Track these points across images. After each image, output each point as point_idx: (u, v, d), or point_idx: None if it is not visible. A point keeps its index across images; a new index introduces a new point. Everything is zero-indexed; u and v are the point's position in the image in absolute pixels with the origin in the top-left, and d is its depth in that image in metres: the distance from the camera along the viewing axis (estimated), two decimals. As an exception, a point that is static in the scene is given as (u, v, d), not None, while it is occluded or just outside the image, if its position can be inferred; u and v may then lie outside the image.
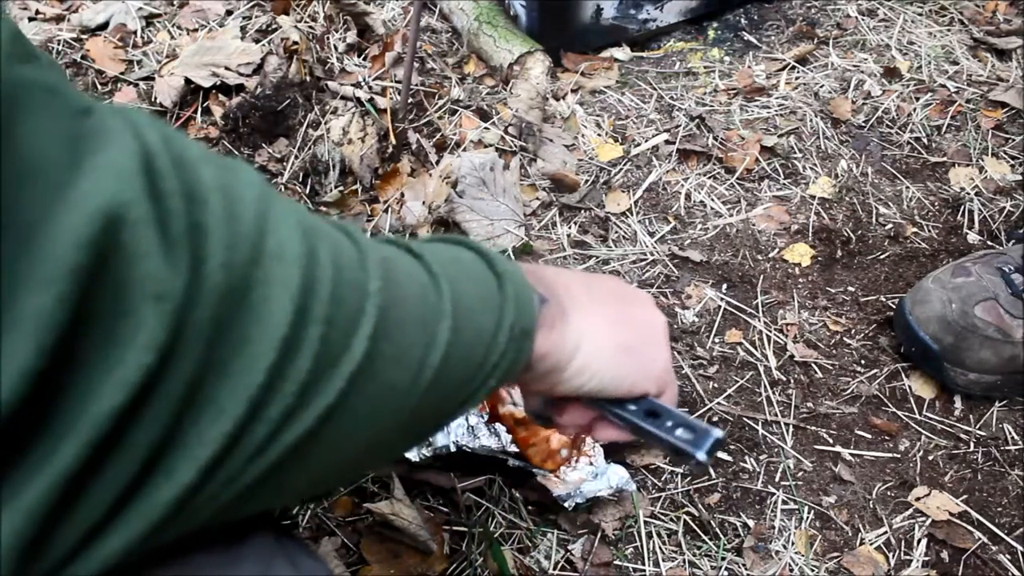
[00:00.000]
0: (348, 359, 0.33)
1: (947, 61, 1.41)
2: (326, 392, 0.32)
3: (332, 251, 0.34)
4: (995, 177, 1.24)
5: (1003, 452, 0.96)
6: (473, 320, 0.41)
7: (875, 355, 1.04)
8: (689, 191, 1.21)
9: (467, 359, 0.41)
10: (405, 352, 0.37)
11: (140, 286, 0.25)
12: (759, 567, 0.86)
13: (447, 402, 0.42)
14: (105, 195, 0.24)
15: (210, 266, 0.28)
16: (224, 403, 0.29)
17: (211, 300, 0.28)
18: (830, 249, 1.15)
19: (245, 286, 0.29)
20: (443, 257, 0.43)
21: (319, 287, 0.32)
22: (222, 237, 0.28)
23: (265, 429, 0.30)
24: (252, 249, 0.29)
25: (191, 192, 0.28)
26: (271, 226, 0.31)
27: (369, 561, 0.83)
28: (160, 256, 0.26)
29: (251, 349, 0.29)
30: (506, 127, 1.22)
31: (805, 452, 0.96)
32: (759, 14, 1.50)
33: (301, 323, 0.31)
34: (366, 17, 1.38)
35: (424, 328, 0.38)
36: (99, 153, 0.25)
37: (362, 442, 0.37)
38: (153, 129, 0.28)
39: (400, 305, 0.37)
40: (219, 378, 0.28)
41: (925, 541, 0.89)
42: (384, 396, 0.36)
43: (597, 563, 0.86)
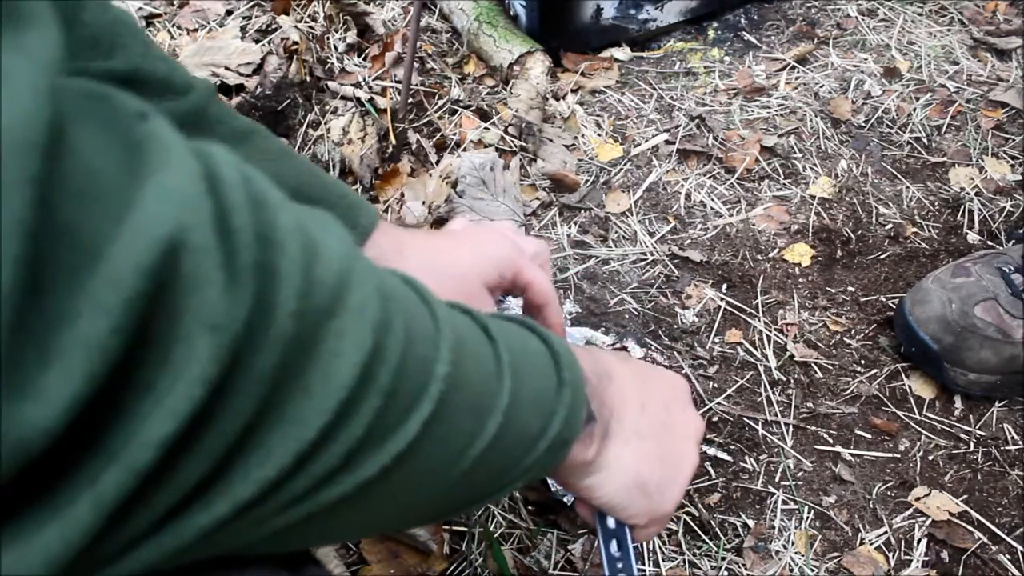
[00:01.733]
0: (399, 437, 0.33)
1: (947, 61, 1.41)
2: (370, 464, 0.32)
3: (407, 322, 0.33)
4: (995, 177, 1.24)
5: (1003, 452, 0.96)
6: (523, 420, 0.41)
7: (875, 355, 1.04)
8: (689, 191, 1.21)
9: (506, 456, 0.41)
10: (452, 437, 0.37)
11: (196, 314, 0.25)
12: (759, 567, 0.86)
13: (474, 492, 0.42)
14: (170, 218, 0.24)
15: (280, 313, 0.27)
16: (274, 449, 0.28)
17: (276, 346, 0.27)
18: (830, 249, 1.15)
19: (317, 336, 0.28)
20: (514, 345, 0.42)
21: (388, 355, 0.31)
22: (296, 285, 0.27)
23: (304, 484, 0.30)
24: (331, 300, 0.29)
25: (267, 235, 0.27)
26: (354, 282, 0.30)
27: (369, 561, 0.83)
28: (220, 286, 0.25)
29: (310, 402, 0.29)
30: (506, 127, 1.22)
31: (805, 452, 0.96)
32: (759, 14, 1.50)
33: (363, 389, 0.30)
34: (366, 17, 1.38)
35: (476, 418, 0.38)
36: (161, 171, 0.24)
37: (389, 513, 0.37)
38: (230, 163, 0.27)
39: (461, 391, 0.36)
40: (274, 423, 0.28)
41: (925, 541, 0.89)
42: (421, 476, 0.36)
43: (597, 563, 0.86)
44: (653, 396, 0.53)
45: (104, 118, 0.25)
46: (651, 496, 0.52)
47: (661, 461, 0.52)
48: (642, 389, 0.53)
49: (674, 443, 0.53)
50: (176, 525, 0.28)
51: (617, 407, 0.50)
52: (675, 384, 0.56)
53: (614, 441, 0.49)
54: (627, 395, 0.51)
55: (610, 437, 0.49)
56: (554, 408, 0.43)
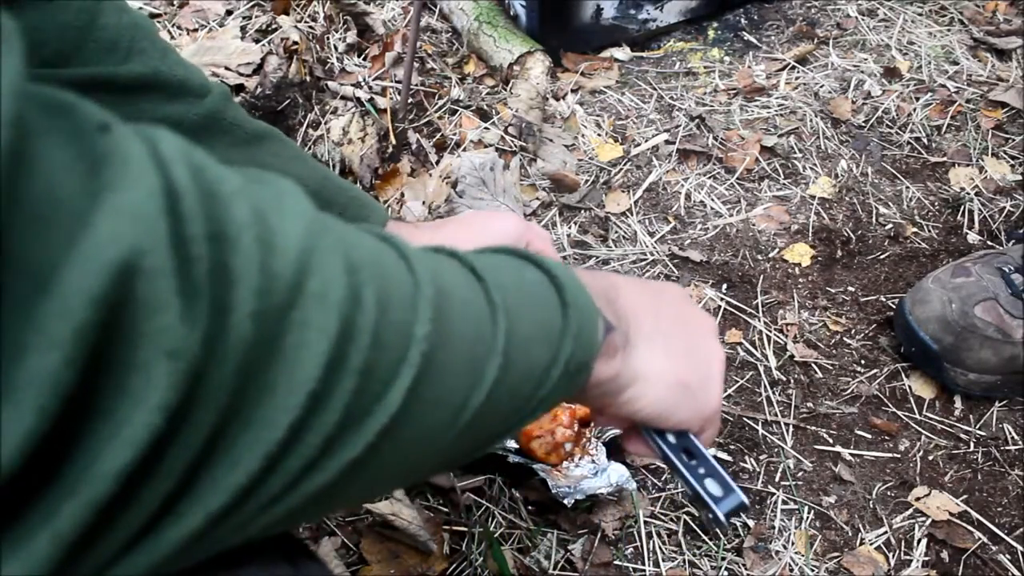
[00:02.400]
0: (382, 410, 0.31)
1: (947, 61, 1.41)
2: (353, 444, 0.31)
3: (379, 289, 0.31)
4: (995, 177, 1.24)
5: (1003, 452, 0.96)
6: (527, 355, 0.39)
7: (875, 355, 1.04)
8: (689, 191, 1.21)
9: (513, 394, 0.39)
10: (447, 394, 0.35)
11: (153, 341, 0.23)
12: (759, 567, 0.86)
13: (486, 434, 0.40)
14: (122, 244, 0.22)
15: (236, 317, 0.26)
16: (240, 455, 0.27)
17: (236, 353, 0.26)
18: (830, 249, 1.15)
19: (278, 331, 0.27)
20: (506, 280, 0.40)
21: (359, 333, 0.30)
22: (252, 283, 0.26)
23: (282, 480, 0.29)
24: (290, 291, 0.27)
25: (220, 233, 0.26)
26: (315, 264, 0.28)
27: (369, 561, 0.83)
28: (176, 309, 0.24)
29: (275, 401, 0.27)
30: (506, 127, 1.22)
31: (805, 452, 0.96)
32: (759, 14, 1.50)
33: (334, 375, 0.29)
34: (366, 17, 1.38)
35: (471, 368, 0.36)
36: (118, 190, 0.23)
37: (390, 480, 0.36)
38: (181, 159, 0.25)
39: (450, 345, 0.34)
40: (239, 429, 0.27)
41: (925, 541, 0.89)
42: (418, 439, 0.35)
43: (597, 563, 0.86)
44: (663, 299, 0.52)
45: (66, 132, 0.24)
46: (695, 394, 0.50)
47: (692, 356, 0.51)
48: (650, 295, 0.51)
49: (697, 339, 0.52)
50: (148, 543, 0.27)
51: (631, 315, 0.48)
52: (679, 290, 0.55)
53: (639, 347, 0.48)
54: (637, 302, 0.49)
55: (633, 344, 0.47)
56: (561, 334, 0.41)
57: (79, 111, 0.24)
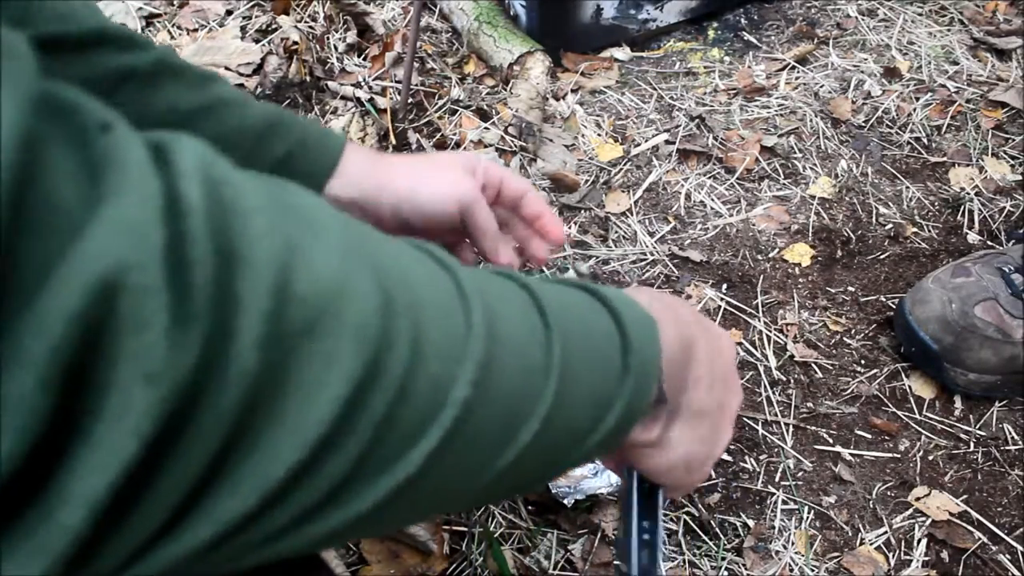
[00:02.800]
0: (399, 469, 0.29)
1: (947, 61, 1.41)
2: (361, 498, 0.29)
3: (418, 330, 0.28)
4: (995, 177, 1.24)
5: (1003, 452, 0.96)
6: (568, 422, 0.37)
7: (875, 355, 1.04)
8: (689, 191, 1.21)
9: (542, 458, 0.37)
10: (469, 458, 0.33)
11: (131, 362, 0.22)
12: (759, 567, 0.86)
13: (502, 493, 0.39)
14: (108, 258, 0.21)
15: (240, 345, 0.24)
16: (238, 486, 0.26)
17: (238, 384, 0.24)
18: (830, 249, 1.15)
19: (293, 362, 0.25)
20: (572, 329, 0.37)
21: (385, 378, 0.27)
22: (261, 308, 0.24)
23: (279, 521, 0.27)
24: (313, 319, 0.25)
25: (230, 251, 0.24)
26: (347, 292, 0.26)
27: (369, 561, 0.83)
28: (162, 330, 0.22)
29: (282, 436, 0.26)
30: (506, 127, 1.22)
31: (805, 452, 0.96)
32: (759, 14, 1.50)
33: (349, 419, 0.27)
34: (366, 17, 1.38)
35: (505, 431, 0.34)
36: (112, 199, 0.22)
37: (394, 527, 0.34)
38: (196, 172, 0.24)
39: (488, 406, 0.32)
40: (240, 457, 0.25)
41: (925, 541, 0.89)
42: (432, 498, 0.33)
43: (597, 563, 0.86)
44: (719, 371, 0.49)
45: (69, 136, 0.23)
46: (692, 472, 0.50)
47: (710, 442, 0.50)
48: (713, 363, 0.49)
49: (723, 423, 0.51)
50: (136, 565, 0.25)
51: (692, 385, 0.46)
52: (732, 348, 0.52)
53: (679, 426, 0.46)
54: (702, 371, 0.47)
55: (674, 424, 0.46)
56: (612, 399, 0.38)
57: (81, 111, 0.23)
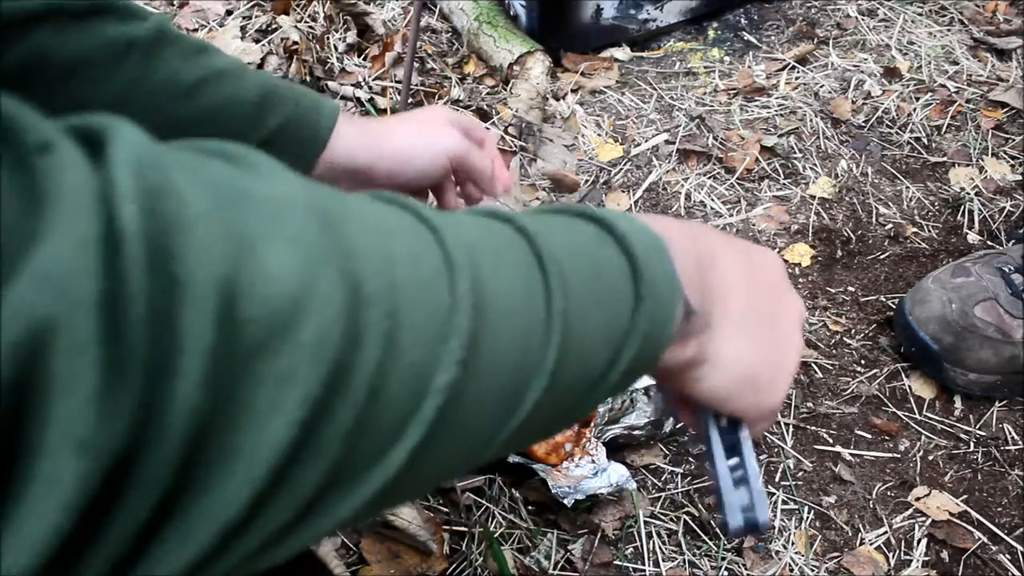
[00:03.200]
0: (378, 473, 0.27)
1: (947, 61, 1.41)
2: (333, 512, 0.27)
3: (392, 320, 0.26)
4: (995, 177, 1.24)
5: (1003, 452, 0.96)
6: (580, 367, 0.34)
7: (875, 355, 1.04)
8: (689, 191, 1.21)
9: (559, 406, 0.35)
10: (467, 437, 0.30)
11: (60, 428, 0.20)
12: (759, 567, 0.86)
13: (525, 440, 0.37)
14: (34, 314, 0.19)
15: (182, 386, 0.22)
16: (191, 529, 0.23)
17: (181, 427, 0.22)
18: (830, 249, 1.15)
19: (243, 389, 0.23)
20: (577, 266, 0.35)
21: (353, 380, 0.25)
22: (204, 341, 0.22)
23: (252, 544, 0.25)
24: (265, 338, 0.23)
25: (169, 276, 0.21)
26: (308, 300, 0.24)
27: (369, 561, 0.83)
28: (91, 393, 0.20)
29: (235, 470, 0.23)
30: (506, 127, 1.22)
31: (805, 452, 0.96)
32: (759, 14, 1.50)
33: (311, 440, 0.24)
34: (366, 17, 1.38)
35: (506, 400, 0.31)
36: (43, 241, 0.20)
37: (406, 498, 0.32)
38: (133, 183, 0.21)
39: (481, 380, 0.30)
40: (189, 502, 0.23)
41: (925, 541, 0.89)
42: (420, 484, 0.31)
43: (597, 563, 0.86)
44: (758, 278, 0.46)
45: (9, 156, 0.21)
46: (760, 390, 0.46)
47: (771, 348, 0.46)
48: (748, 270, 0.46)
49: (782, 327, 0.47)
50: None
51: (722, 291, 0.43)
52: (777, 263, 0.49)
53: (720, 331, 0.43)
54: (731, 279, 0.44)
55: (713, 329, 0.43)
56: (627, 335, 0.36)
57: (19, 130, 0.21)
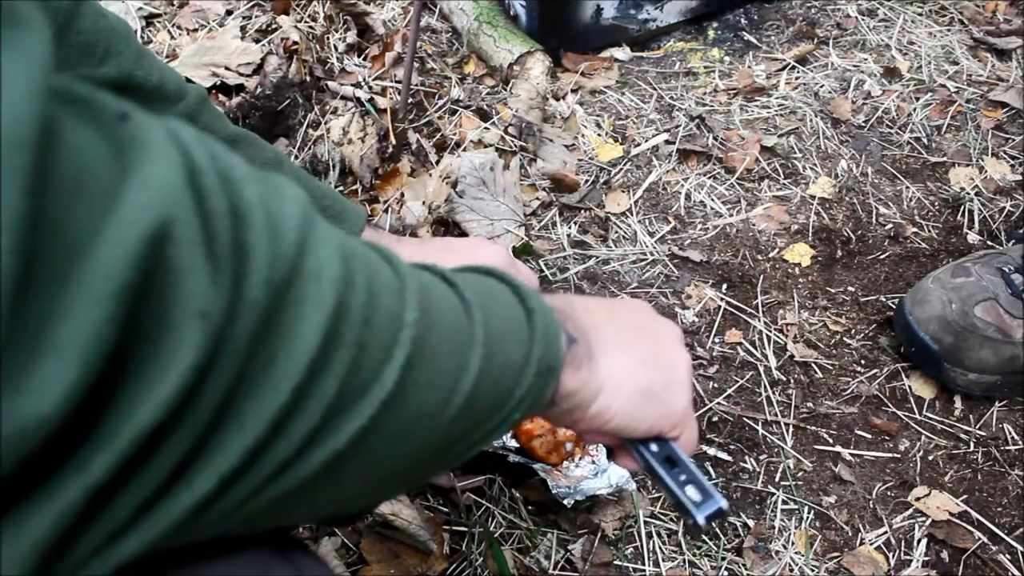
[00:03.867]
0: (379, 386, 0.33)
1: (947, 61, 1.41)
2: (353, 416, 0.32)
3: (369, 277, 0.34)
4: (995, 177, 1.24)
5: (1003, 452, 0.96)
6: (503, 350, 0.42)
7: (875, 355, 1.04)
8: (689, 191, 1.21)
9: (496, 387, 0.41)
10: (438, 378, 0.37)
11: (185, 304, 0.25)
12: (759, 567, 0.86)
13: (474, 430, 0.42)
14: (154, 211, 0.24)
15: (251, 283, 0.27)
16: (247, 419, 0.29)
17: (249, 318, 0.28)
18: (830, 249, 1.15)
19: (281, 305, 0.29)
20: (475, 285, 0.43)
21: (352, 312, 0.32)
22: (264, 255, 0.28)
23: (288, 447, 0.30)
24: (290, 268, 0.29)
25: (236, 210, 0.28)
26: (311, 246, 0.31)
27: (369, 561, 0.83)
28: (205, 274, 0.26)
29: (279, 368, 0.29)
30: (506, 127, 1.22)
31: (805, 452, 0.96)
32: (759, 14, 1.50)
33: (330, 345, 0.31)
34: (366, 17, 1.38)
35: (457, 354, 0.39)
36: (145, 165, 0.25)
37: (390, 465, 0.37)
38: (200, 144, 0.28)
39: (435, 332, 0.37)
40: (246, 393, 0.29)
41: (925, 541, 0.89)
42: (414, 421, 0.37)
43: (597, 563, 0.86)
44: (620, 312, 0.54)
45: (88, 119, 0.25)
46: (659, 397, 0.52)
47: (655, 362, 0.52)
48: (606, 309, 0.54)
49: (660, 345, 0.54)
50: (159, 510, 0.28)
51: (591, 328, 0.50)
52: (633, 302, 0.58)
53: (602, 357, 0.50)
54: (595, 314, 0.52)
55: (596, 357, 0.49)
56: (529, 336, 0.43)
57: (97, 103, 0.26)
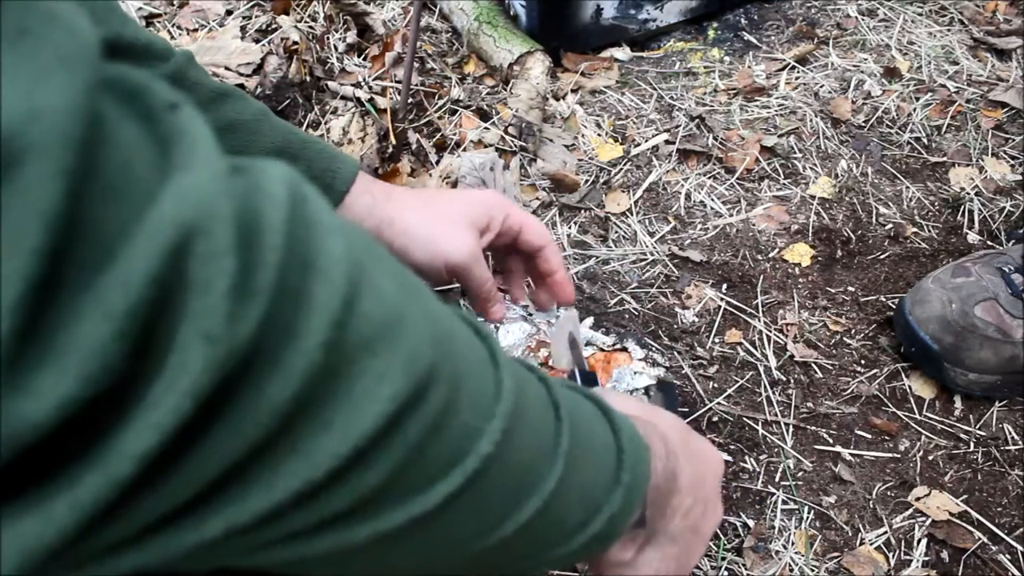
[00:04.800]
0: (418, 502, 0.31)
1: (947, 61, 1.41)
2: (382, 519, 0.30)
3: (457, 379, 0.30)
4: (995, 177, 1.24)
5: (1003, 452, 0.96)
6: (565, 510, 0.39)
7: (875, 355, 1.04)
8: (689, 191, 1.21)
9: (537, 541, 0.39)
10: (481, 514, 0.35)
11: (193, 322, 0.23)
12: (759, 567, 0.86)
13: (495, 567, 0.40)
14: (181, 221, 0.23)
15: (307, 341, 0.25)
16: (276, 481, 0.27)
17: (298, 376, 0.25)
18: (830, 249, 1.15)
19: (350, 371, 0.26)
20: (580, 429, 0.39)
21: (425, 410, 0.29)
22: (331, 314, 0.25)
23: (306, 521, 0.29)
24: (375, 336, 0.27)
25: (303, 255, 0.25)
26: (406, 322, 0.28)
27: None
28: (222, 293, 0.23)
29: (326, 440, 0.27)
30: (506, 127, 1.22)
31: (805, 452, 0.96)
32: (759, 14, 1.50)
33: (388, 438, 0.28)
34: (366, 17, 1.38)
35: (513, 497, 0.36)
36: (183, 169, 0.23)
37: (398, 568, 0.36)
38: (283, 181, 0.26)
39: (504, 468, 0.34)
40: (282, 454, 0.26)
41: (925, 541, 0.89)
42: (439, 542, 0.34)
43: (597, 563, 0.86)
44: (700, 498, 0.51)
45: (138, 112, 0.24)
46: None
47: (679, 565, 0.51)
48: (695, 490, 0.50)
49: (697, 547, 0.52)
50: (163, 537, 0.27)
51: (670, 516, 0.48)
52: (718, 471, 0.54)
53: (653, 550, 0.48)
54: (683, 501, 0.49)
55: (651, 543, 0.48)
56: (601, 505, 0.40)
57: (149, 92, 0.25)
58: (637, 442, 0.43)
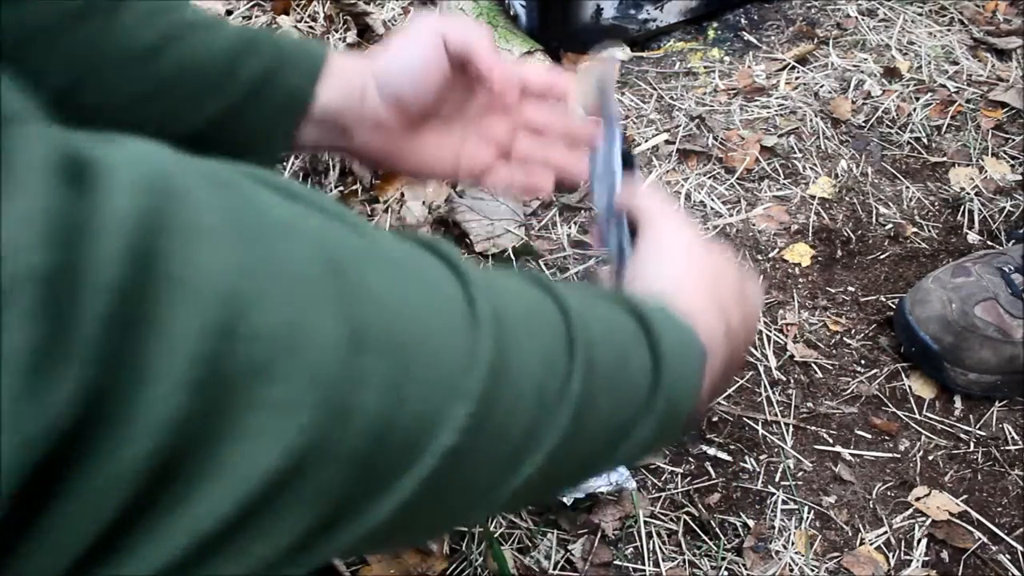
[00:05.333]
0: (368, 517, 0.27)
1: (947, 61, 1.41)
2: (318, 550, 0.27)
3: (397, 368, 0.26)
4: (995, 177, 1.24)
5: (1003, 452, 0.96)
6: (579, 454, 0.34)
7: (875, 355, 1.04)
8: (689, 191, 1.21)
9: (550, 484, 0.35)
10: (461, 493, 0.31)
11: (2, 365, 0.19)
12: (759, 567, 0.86)
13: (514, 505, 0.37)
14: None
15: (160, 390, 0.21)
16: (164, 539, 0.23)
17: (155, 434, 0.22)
18: (830, 249, 1.15)
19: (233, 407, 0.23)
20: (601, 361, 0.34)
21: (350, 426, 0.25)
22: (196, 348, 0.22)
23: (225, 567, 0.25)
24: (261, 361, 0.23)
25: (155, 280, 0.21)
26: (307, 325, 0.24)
27: (369, 561, 0.83)
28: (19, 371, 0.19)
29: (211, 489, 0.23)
30: (506, 127, 1.22)
31: (805, 452, 0.96)
32: (759, 14, 1.50)
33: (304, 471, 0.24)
34: (366, 17, 1.38)
35: (505, 465, 0.31)
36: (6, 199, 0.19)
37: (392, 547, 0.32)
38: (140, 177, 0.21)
39: (484, 444, 0.29)
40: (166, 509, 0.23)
41: (925, 541, 0.89)
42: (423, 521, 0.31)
43: (597, 563, 0.86)
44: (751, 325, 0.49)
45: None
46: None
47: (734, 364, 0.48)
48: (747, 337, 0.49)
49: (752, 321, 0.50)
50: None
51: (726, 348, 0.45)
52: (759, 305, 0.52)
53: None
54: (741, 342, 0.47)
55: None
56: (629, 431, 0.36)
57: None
58: (685, 356, 0.39)
